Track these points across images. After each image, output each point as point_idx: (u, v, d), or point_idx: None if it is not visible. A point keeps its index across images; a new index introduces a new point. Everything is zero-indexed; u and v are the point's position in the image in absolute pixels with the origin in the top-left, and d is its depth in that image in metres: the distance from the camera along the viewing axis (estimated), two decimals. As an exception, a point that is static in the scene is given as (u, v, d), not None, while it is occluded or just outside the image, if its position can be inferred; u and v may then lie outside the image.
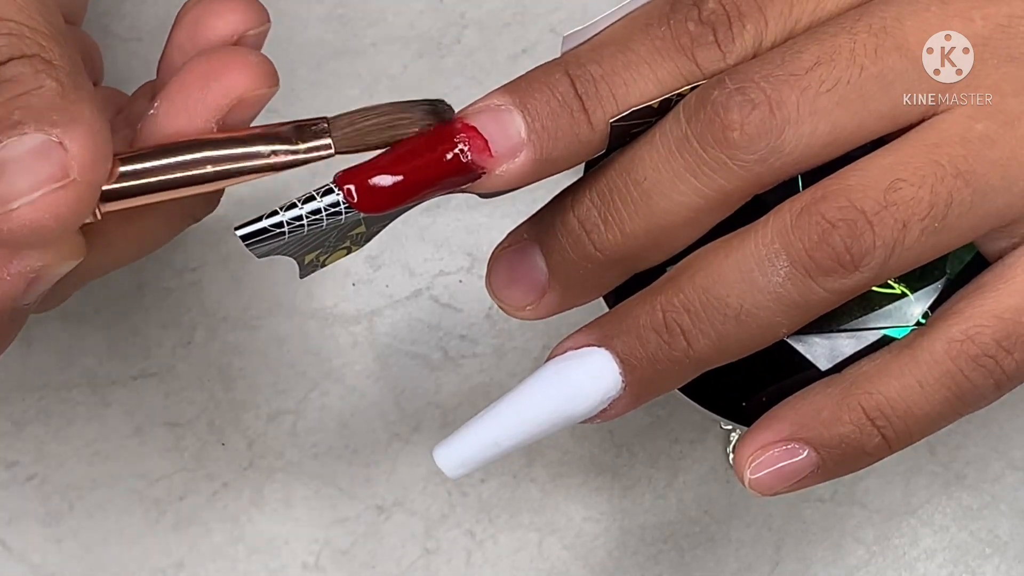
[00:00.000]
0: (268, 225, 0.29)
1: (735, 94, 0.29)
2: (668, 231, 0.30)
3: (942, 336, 0.30)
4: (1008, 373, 0.30)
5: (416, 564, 0.44)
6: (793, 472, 0.31)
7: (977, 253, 0.31)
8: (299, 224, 0.29)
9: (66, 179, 0.26)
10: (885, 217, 0.29)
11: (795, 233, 0.29)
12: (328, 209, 0.29)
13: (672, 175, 0.29)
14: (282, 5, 0.48)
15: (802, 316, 0.29)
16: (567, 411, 0.31)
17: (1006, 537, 0.44)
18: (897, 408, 0.30)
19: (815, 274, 0.29)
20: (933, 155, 0.29)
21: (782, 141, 0.29)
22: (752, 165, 0.29)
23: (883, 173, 0.29)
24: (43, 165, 0.26)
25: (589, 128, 0.29)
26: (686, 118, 0.29)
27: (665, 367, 0.30)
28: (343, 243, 0.32)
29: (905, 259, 0.29)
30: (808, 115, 0.29)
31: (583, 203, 0.31)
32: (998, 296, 0.30)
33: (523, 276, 0.32)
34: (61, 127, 0.27)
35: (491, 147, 0.29)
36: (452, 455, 0.31)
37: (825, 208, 0.29)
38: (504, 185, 0.30)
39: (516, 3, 0.47)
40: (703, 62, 0.30)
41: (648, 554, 0.44)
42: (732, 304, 0.29)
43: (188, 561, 0.44)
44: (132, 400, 0.45)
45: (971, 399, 0.30)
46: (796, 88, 0.29)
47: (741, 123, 0.29)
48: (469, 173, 0.29)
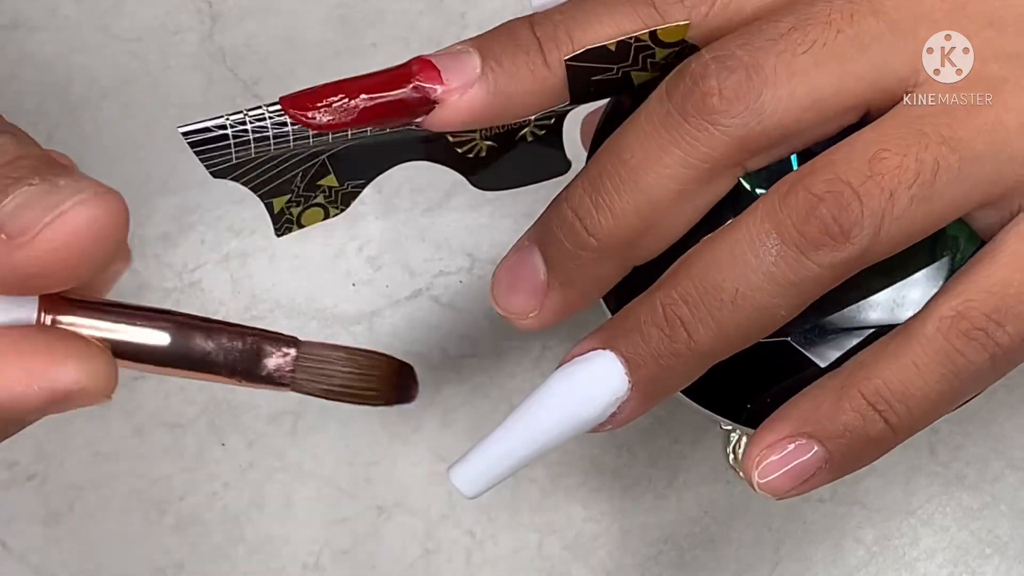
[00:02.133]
0: (210, 125, 0.29)
1: (711, 63, 0.29)
2: (658, 208, 0.30)
3: (933, 315, 0.30)
4: (1002, 346, 0.30)
5: (416, 564, 0.44)
6: (802, 470, 0.31)
7: (978, 244, 0.31)
8: (243, 131, 0.29)
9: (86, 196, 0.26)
10: (871, 187, 0.29)
11: (783, 211, 0.29)
12: (273, 117, 0.29)
13: (657, 149, 0.30)
14: (282, 5, 0.48)
15: (799, 296, 0.29)
16: (577, 416, 0.31)
17: (1006, 537, 0.44)
18: (896, 391, 0.30)
19: (806, 249, 0.29)
20: (916, 125, 0.29)
21: (761, 103, 0.29)
22: (734, 129, 0.29)
23: (867, 145, 0.29)
24: (54, 195, 0.26)
25: (544, 67, 0.30)
26: (667, 93, 0.30)
27: (669, 362, 0.30)
28: (314, 196, 0.31)
29: (897, 230, 0.29)
30: (785, 77, 0.29)
31: (575, 192, 0.31)
32: (987, 271, 0.30)
33: (523, 280, 0.32)
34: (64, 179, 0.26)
35: (443, 77, 0.30)
36: (468, 473, 0.31)
37: (811, 182, 0.29)
38: (457, 117, 0.30)
39: (516, 3, 0.47)
40: (661, 5, 0.30)
41: (648, 554, 0.44)
42: (728, 289, 0.29)
43: (188, 561, 0.44)
44: (132, 400, 0.45)
45: (968, 376, 0.30)
46: (772, 52, 0.29)
47: (719, 88, 0.29)
48: (421, 103, 0.30)
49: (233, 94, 0.47)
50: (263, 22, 0.47)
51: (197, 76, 0.47)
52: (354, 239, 0.46)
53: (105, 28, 0.47)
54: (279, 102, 0.29)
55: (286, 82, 0.47)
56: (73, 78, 0.47)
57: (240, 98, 0.47)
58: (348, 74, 0.48)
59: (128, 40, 0.47)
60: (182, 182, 0.46)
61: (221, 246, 0.46)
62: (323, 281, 0.45)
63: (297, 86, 0.47)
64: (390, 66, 0.30)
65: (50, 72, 0.47)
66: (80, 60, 0.47)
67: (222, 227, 0.46)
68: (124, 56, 0.47)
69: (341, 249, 0.46)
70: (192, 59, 0.47)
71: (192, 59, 0.47)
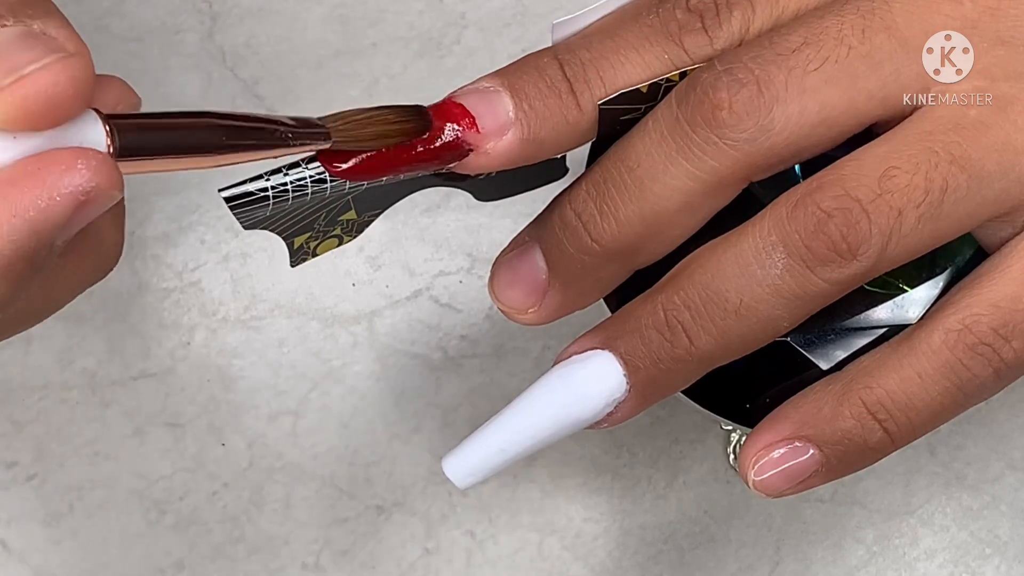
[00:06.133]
0: (253, 189, 0.29)
1: (723, 75, 0.29)
2: (663, 217, 0.30)
3: (940, 327, 0.30)
4: (1007, 361, 0.30)
5: (416, 564, 0.44)
6: (798, 472, 0.31)
7: (979, 248, 0.31)
8: (283, 190, 0.29)
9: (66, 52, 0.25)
10: (880, 205, 0.29)
11: (791, 224, 0.29)
12: (313, 176, 0.29)
13: (664, 159, 0.30)
14: (282, 5, 0.48)
15: (802, 309, 0.29)
16: (573, 415, 0.31)
17: (1006, 537, 0.44)
18: (898, 401, 0.30)
19: (812, 264, 0.29)
20: (927, 142, 0.29)
21: (771, 119, 0.29)
22: (742, 144, 0.29)
23: (877, 162, 0.29)
24: (38, 42, 0.25)
25: (577, 110, 0.30)
26: (677, 102, 0.30)
27: (668, 366, 0.30)
28: (333, 229, 0.31)
29: (903, 247, 0.29)
30: (796, 94, 0.29)
31: (579, 195, 0.31)
32: (995, 285, 0.30)
33: (524, 277, 0.32)
34: (40, 19, 0.26)
35: (478, 124, 0.30)
36: (461, 465, 0.31)
37: (820, 198, 0.29)
38: (491, 164, 0.30)
39: (516, 3, 0.47)
40: (690, 47, 0.30)
41: (648, 554, 0.44)
42: (731, 299, 0.29)
43: (188, 561, 0.44)
44: (132, 400, 0.45)
45: (971, 389, 0.30)
46: (784, 67, 0.29)
47: (729, 102, 0.29)
48: (456, 150, 0.30)
49: (233, 94, 0.47)
50: (263, 22, 0.47)
51: (197, 76, 0.47)
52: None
53: (105, 28, 0.47)
54: (318, 159, 0.29)
55: (286, 82, 0.47)
56: (73, 78, 0.47)
57: (240, 98, 0.47)
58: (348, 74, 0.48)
59: (128, 40, 0.47)
60: (182, 182, 0.46)
61: (221, 246, 0.46)
62: (323, 281, 0.45)
63: (297, 86, 0.47)
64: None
65: (50, 72, 0.47)
66: (80, 60, 0.47)
67: (222, 227, 0.46)
68: (124, 56, 0.47)
69: (341, 249, 0.46)
70: (192, 59, 0.47)
71: (192, 59, 0.47)
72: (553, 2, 0.47)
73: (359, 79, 0.46)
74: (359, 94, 0.46)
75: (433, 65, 0.46)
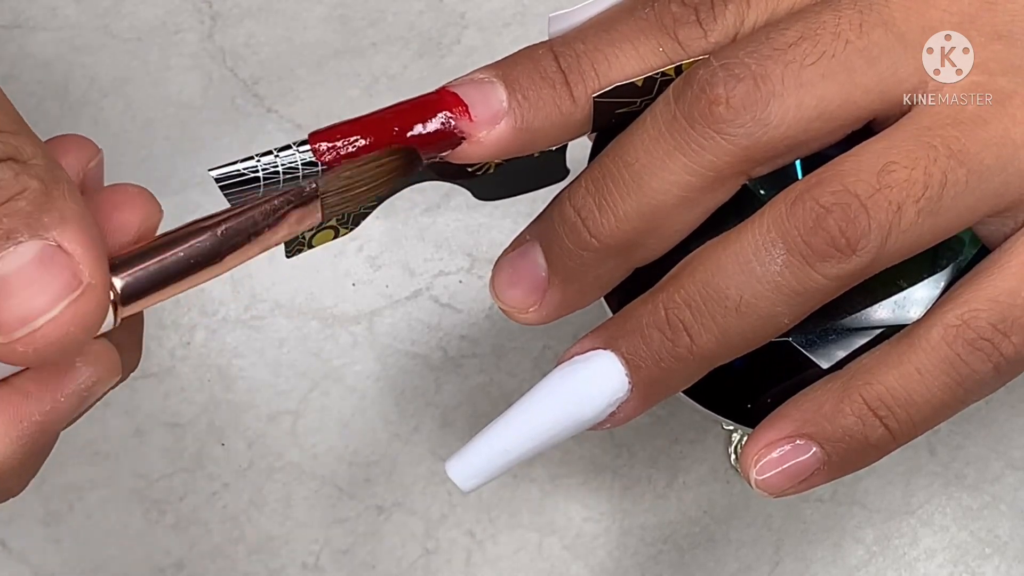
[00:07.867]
0: (243, 168, 0.29)
1: (720, 70, 0.29)
2: (661, 212, 0.30)
3: (938, 323, 0.30)
4: (1007, 357, 0.30)
5: (416, 564, 0.44)
6: (799, 470, 0.31)
7: (981, 247, 0.31)
8: (274, 171, 0.29)
9: (81, 285, 0.25)
10: (879, 199, 0.29)
11: (790, 220, 0.29)
12: (304, 159, 0.29)
13: (662, 154, 0.30)
14: (282, 5, 0.48)
15: (803, 305, 0.29)
16: (575, 415, 0.31)
17: (1006, 537, 0.44)
18: (898, 397, 0.30)
19: (812, 260, 0.29)
20: (925, 137, 0.29)
21: (768, 113, 0.29)
22: (739, 139, 0.29)
23: (876, 157, 0.29)
24: (54, 275, 0.24)
25: (571, 101, 0.30)
26: (674, 98, 0.30)
27: (670, 365, 0.30)
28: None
29: (903, 242, 0.29)
30: (793, 88, 0.29)
31: (578, 192, 0.31)
32: (994, 281, 0.30)
33: (524, 275, 0.32)
34: (56, 228, 0.25)
35: (471, 112, 0.30)
36: (464, 467, 0.31)
37: (819, 193, 0.29)
38: (484, 153, 0.30)
39: (516, 3, 0.47)
40: (685, 40, 0.30)
41: (648, 554, 0.44)
42: (732, 296, 0.29)
43: (188, 561, 0.44)
44: (132, 400, 0.45)
45: (971, 385, 0.30)
46: (780, 62, 0.29)
47: (726, 97, 0.29)
48: (449, 137, 0.30)
49: (233, 94, 0.47)
50: (263, 22, 0.47)
51: (197, 76, 0.47)
52: (354, 239, 0.46)
53: (105, 28, 0.47)
54: (309, 140, 0.29)
55: (286, 82, 0.47)
56: (73, 78, 0.47)
57: (240, 98, 0.47)
58: (348, 74, 0.48)
59: (128, 40, 0.47)
60: (182, 182, 0.46)
61: (221, 246, 0.46)
62: (323, 281, 0.45)
63: (297, 86, 0.47)
64: (415, 97, 0.30)
65: (49, 72, 0.47)
66: (80, 60, 0.47)
67: (222, 227, 0.46)
68: (124, 56, 0.47)
69: (341, 249, 0.46)
70: (192, 59, 0.47)
71: (192, 59, 0.47)
72: (552, 2, 0.47)
73: (359, 79, 0.47)
74: (359, 94, 0.46)
75: (433, 65, 0.46)
